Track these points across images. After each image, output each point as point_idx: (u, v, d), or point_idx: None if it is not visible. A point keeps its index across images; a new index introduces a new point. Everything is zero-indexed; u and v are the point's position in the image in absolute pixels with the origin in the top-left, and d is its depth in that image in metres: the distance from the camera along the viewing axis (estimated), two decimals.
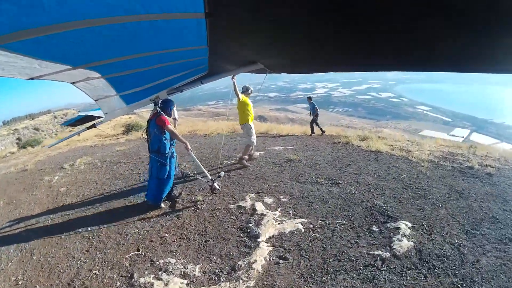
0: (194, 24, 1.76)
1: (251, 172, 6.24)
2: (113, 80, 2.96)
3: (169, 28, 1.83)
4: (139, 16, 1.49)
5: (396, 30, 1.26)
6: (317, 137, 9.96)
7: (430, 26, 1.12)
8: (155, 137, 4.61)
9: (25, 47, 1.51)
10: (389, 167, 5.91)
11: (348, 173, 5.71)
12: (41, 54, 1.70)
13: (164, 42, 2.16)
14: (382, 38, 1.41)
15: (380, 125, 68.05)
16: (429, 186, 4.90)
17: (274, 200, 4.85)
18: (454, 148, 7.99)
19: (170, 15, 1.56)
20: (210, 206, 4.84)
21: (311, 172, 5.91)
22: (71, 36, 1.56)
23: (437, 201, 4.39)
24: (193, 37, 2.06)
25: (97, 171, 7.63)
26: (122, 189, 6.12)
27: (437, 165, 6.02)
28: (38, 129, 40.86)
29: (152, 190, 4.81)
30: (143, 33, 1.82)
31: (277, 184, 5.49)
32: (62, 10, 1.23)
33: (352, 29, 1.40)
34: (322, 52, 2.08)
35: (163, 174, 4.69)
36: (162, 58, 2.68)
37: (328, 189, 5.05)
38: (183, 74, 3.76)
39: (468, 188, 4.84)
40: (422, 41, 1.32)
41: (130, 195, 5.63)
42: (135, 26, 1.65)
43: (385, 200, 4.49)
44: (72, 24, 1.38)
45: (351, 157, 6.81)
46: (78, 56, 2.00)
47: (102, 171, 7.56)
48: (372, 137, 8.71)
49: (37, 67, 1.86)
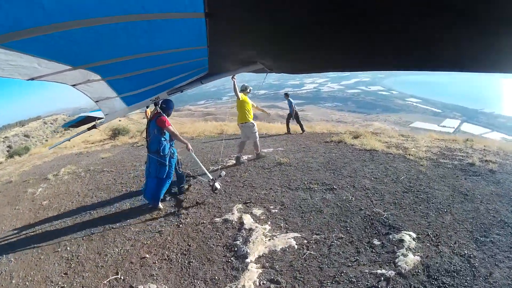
0: (194, 24, 1.75)
1: (238, 178, 5.80)
2: (113, 83, 2.96)
3: (169, 28, 1.82)
4: (138, 15, 1.48)
5: (396, 30, 1.25)
6: (309, 135, 9.60)
7: (430, 26, 1.11)
8: (155, 138, 4.55)
9: (24, 45, 1.48)
10: (387, 168, 5.54)
11: (343, 176, 5.32)
12: (40, 52, 1.67)
13: (164, 42, 2.15)
14: (382, 38, 1.40)
15: (370, 118, 68.59)
16: (431, 188, 4.54)
17: (264, 212, 4.42)
18: (450, 142, 7.73)
19: (169, 14, 1.55)
20: (194, 220, 4.41)
21: (303, 176, 5.50)
22: (70, 36, 1.55)
23: (441, 205, 4.03)
24: (193, 37, 2.05)
25: (80, 182, 7.28)
26: (103, 200, 5.74)
27: (437, 163, 5.69)
28: (28, 136, 40.54)
29: (151, 190, 4.71)
30: (143, 33, 1.82)
31: (266, 192, 5.07)
32: (61, 9, 1.22)
33: (352, 29, 1.39)
34: (322, 52, 2.07)
35: (163, 174, 4.63)
36: (162, 59, 2.66)
37: (322, 196, 4.64)
38: (183, 75, 3.74)
39: (472, 188, 4.51)
40: (422, 41, 1.31)
41: (112, 208, 5.24)
42: (134, 26, 1.64)
43: (385, 206, 4.11)
44: (71, 23, 1.38)
45: (345, 157, 6.41)
46: (78, 56, 1.99)
47: (85, 182, 7.20)
48: (366, 135, 8.38)
49: (36, 66, 1.82)
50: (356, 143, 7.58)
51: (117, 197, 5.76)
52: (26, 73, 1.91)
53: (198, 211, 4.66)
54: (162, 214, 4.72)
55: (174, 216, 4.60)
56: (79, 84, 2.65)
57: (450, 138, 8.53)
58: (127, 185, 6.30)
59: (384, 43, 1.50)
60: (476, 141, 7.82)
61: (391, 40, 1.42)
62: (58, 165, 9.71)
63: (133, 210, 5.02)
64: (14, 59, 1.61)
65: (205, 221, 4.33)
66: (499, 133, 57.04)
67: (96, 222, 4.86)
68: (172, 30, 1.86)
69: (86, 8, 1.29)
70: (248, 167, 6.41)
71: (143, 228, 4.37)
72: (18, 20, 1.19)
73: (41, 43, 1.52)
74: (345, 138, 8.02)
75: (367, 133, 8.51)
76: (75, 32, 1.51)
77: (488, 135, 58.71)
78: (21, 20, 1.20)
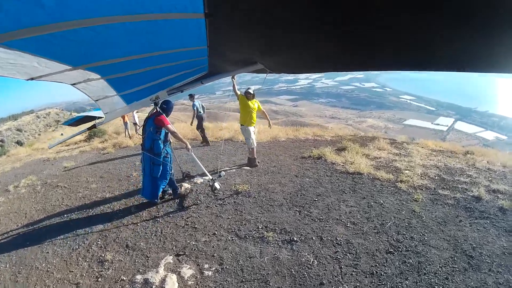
0: (194, 25, 1.76)
1: (182, 214, 4.53)
2: (113, 81, 2.95)
3: (169, 29, 1.82)
4: (138, 16, 1.49)
5: (396, 30, 1.22)
6: (287, 145, 8.34)
7: (430, 25, 1.08)
8: (149, 136, 4.51)
9: (25, 44, 1.49)
10: (370, 205, 4.27)
11: (310, 219, 4.02)
12: (40, 52, 1.68)
13: (164, 42, 2.14)
14: (381, 38, 1.36)
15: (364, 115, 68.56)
16: (426, 245, 3.29)
17: (194, 273, 3.22)
18: (448, 155, 6.71)
19: (169, 15, 1.57)
20: (116, 272, 3.43)
21: (260, 216, 4.22)
22: (70, 35, 1.55)
23: (437, 279, 2.80)
24: (193, 37, 2.04)
25: (32, 198, 6.38)
26: (43, 227, 4.87)
27: (435, 197, 4.45)
28: (21, 130, 40.12)
29: (148, 188, 4.74)
30: (143, 33, 1.82)
31: (208, 239, 3.80)
32: (62, 9, 1.24)
33: (351, 29, 1.35)
34: (322, 52, 2.00)
35: (157, 173, 4.58)
36: (162, 59, 2.64)
37: (275, 253, 3.37)
38: (183, 73, 3.74)
39: (479, 243, 3.30)
40: (422, 41, 1.26)
41: (46, 241, 4.33)
42: (134, 26, 1.65)
43: (359, 280, 2.85)
44: (72, 23, 1.38)
45: (320, 185, 5.12)
46: (78, 56, 1.99)
47: (37, 199, 6.29)
48: (352, 148, 7.09)
49: (36, 65, 1.83)
50: (338, 160, 6.31)
51: (53, 226, 4.85)
52: (26, 72, 1.92)
53: (125, 258, 3.66)
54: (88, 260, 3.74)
55: (98, 263, 3.65)
56: (78, 83, 2.68)
57: (447, 147, 7.44)
58: (70, 209, 5.41)
59: (383, 43, 1.43)
60: (477, 152, 6.83)
61: (391, 40, 1.35)
62: (23, 174, 8.91)
63: (52, 249, 4.13)
64: (14, 58, 1.60)
65: (126, 277, 3.32)
66: (493, 132, 57.38)
67: (26, 257, 4.01)
68: (173, 30, 1.86)
69: (86, 8, 1.29)
70: (200, 195, 5.13)
71: None
72: (18, 19, 1.20)
73: (41, 42, 1.52)
74: (326, 153, 6.73)
75: (354, 146, 7.21)
76: (75, 32, 1.50)
77: (481, 134, 59.14)
78: (21, 19, 1.21)
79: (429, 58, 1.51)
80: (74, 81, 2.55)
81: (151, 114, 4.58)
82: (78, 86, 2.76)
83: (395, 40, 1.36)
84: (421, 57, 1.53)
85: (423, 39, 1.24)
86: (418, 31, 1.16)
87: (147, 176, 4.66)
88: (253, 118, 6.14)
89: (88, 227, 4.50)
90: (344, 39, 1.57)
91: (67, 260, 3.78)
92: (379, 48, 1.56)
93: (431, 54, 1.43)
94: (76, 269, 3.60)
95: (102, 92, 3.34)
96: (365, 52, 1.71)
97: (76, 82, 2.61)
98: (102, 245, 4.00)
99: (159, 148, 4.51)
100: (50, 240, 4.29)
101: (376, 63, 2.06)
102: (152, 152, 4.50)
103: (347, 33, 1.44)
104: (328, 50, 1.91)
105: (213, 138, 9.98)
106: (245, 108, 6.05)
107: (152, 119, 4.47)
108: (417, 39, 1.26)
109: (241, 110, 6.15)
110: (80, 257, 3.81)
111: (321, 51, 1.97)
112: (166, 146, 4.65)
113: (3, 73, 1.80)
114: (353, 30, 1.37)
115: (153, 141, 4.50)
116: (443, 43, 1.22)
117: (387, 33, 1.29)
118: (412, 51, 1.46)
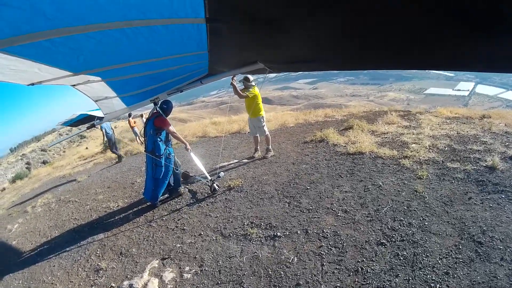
0: (194, 30, 1.75)
1: (175, 216, 4.46)
2: (113, 83, 2.98)
3: (169, 34, 1.81)
4: (139, 21, 1.48)
5: (396, 30, 1.20)
6: (294, 131, 7.95)
7: (431, 25, 1.05)
8: (150, 138, 4.52)
9: (26, 51, 1.49)
10: (367, 189, 3.87)
11: (299, 209, 3.73)
12: (41, 58, 1.67)
13: (165, 48, 2.13)
14: (381, 38, 1.33)
15: (384, 89, 65.81)
16: (425, 232, 2.87)
17: (175, 276, 3.15)
18: (463, 121, 6.01)
19: (170, 20, 1.56)
20: (107, 279, 3.50)
21: (248, 211, 4.00)
22: (71, 42, 1.54)
23: (435, 274, 2.39)
24: (193, 42, 2.03)
25: (47, 216, 6.55)
26: (53, 242, 5.02)
27: (442, 171, 3.95)
28: (45, 150, 40.52)
29: (149, 189, 4.77)
30: (144, 39, 1.80)
31: (193, 240, 3.70)
32: (62, 16, 1.24)
33: (351, 29, 1.34)
34: (321, 52, 1.97)
35: (159, 174, 4.60)
36: (162, 64, 2.67)
37: (255, 251, 3.16)
38: (183, 76, 3.76)
39: (491, 224, 2.81)
40: (422, 41, 1.23)
41: (53, 255, 4.46)
42: (136, 32, 1.63)
43: (341, 279, 2.54)
44: (73, 29, 1.38)
45: (316, 171, 4.76)
46: (79, 63, 1.98)
47: (51, 216, 6.47)
48: (360, 125, 6.59)
49: (37, 71, 1.83)
50: (340, 141, 5.87)
51: (61, 240, 4.98)
52: (27, 77, 1.94)
53: (117, 265, 3.71)
54: None
55: (95, 272, 3.72)
56: (78, 85, 2.71)
57: (464, 113, 6.66)
58: (78, 222, 5.54)
59: (383, 43, 1.40)
60: (494, 115, 6.11)
61: (391, 39, 1.31)
62: (41, 194, 9.10)
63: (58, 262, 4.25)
64: (14, 64, 1.60)
65: (115, 283, 3.37)
66: None
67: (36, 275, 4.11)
68: (173, 35, 1.84)
69: (87, 14, 1.29)
70: (197, 193, 5.05)
71: None
72: (18, 26, 1.20)
73: (42, 49, 1.51)
74: (329, 135, 6.30)
75: (360, 123, 6.69)
76: (76, 38, 1.48)
77: (503, 95, 54.97)
78: (22, 26, 1.21)
79: (430, 57, 1.45)
80: (74, 82, 2.59)
81: (151, 116, 4.58)
82: (78, 87, 2.83)
83: (395, 39, 1.33)
84: (421, 56, 1.48)
85: (423, 39, 1.20)
86: (418, 30, 1.13)
87: (149, 178, 4.68)
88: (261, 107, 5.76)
89: (91, 237, 4.61)
90: (343, 39, 1.56)
91: (69, 271, 3.91)
92: (378, 48, 1.54)
93: (432, 54, 1.37)
94: (75, 279, 3.70)
95: (102, 93, 3.38)
96: (365, 51, 1.69)
97: (76, 83, 2.66)
98: (100, 254, 4.08)
99: (160, 149, 4.51)
100: (57, 254, 4.46)
101: (375, 62, 2.05)
102: (154, 154, 4.50)
103: (347, 33, 1.43)
104: (327, 51, 1.90)
105: (221, 133, 9.89)
106: (255, 99, 5.56)
107: (152, 120, 4.48)
108: (417, 39, 1.23)
109: (253, 103, 5.57)
110: (80, 268, 3.91)
111: (321, 51, 1.96)
112: (168, 146, 4.65)
113: (3, 78, 1.81)
114: (353, 30, 1.36)
115: (154, 143, 4.50)
116: (444, 43, 1.19)
117: (387, 33, 1.26)
118: (413, 51, 1.41)
